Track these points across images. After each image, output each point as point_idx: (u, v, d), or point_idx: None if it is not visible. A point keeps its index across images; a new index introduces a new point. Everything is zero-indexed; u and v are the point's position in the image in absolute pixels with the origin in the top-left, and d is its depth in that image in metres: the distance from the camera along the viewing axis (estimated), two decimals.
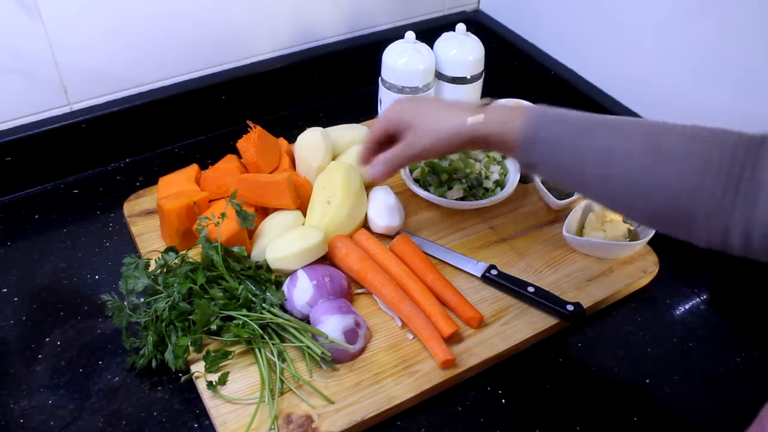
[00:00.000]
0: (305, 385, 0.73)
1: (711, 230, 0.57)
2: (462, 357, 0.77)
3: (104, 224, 0.93)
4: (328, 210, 0.87)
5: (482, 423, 0.73)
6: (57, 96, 0.96)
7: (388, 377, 0.75)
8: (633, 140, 0.61)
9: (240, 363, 0.75)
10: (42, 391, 0.73)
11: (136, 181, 1.00)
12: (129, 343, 0.76)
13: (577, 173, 0.65)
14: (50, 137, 0.95)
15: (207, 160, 1.01)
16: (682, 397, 0.76)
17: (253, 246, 0.85)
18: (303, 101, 1.16)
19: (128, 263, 0.78)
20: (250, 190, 0.87)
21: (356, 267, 0.83)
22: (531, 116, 0.67)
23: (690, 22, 0.92)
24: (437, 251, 0.89)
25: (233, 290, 0.77)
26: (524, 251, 0.90)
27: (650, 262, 0.89)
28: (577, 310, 0.81)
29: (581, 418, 0.74)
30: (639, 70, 1.02)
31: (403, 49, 0.99)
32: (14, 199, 0.97)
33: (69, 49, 0.93)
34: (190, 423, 0.72)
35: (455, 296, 0.82)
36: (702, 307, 0.87)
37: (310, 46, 1.14)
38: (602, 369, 0.79)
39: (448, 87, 1.03)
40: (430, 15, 1.23)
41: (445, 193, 0.94)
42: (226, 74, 1.07)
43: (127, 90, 1.01)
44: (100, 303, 0.77)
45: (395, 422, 0.73)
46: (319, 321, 0.76)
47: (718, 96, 0.92)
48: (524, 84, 1.21)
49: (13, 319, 0.81)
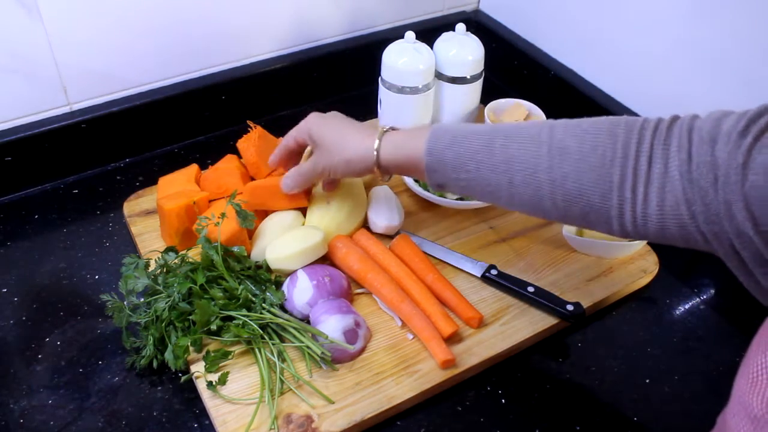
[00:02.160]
0: (305, 385, 0.73)
1: (624, 223, 0.59)
2: (462, 357, 0.77)
3: (104, 224, 0.93)
4: (328, 210, 0.87)
5: (482, 423, 0.73)
6: (57, 96, 0.96)
7: (388, 377, 0.75)
8: (531, 145, 0.62)
9: (240, 363, 0.75)
10: (42, 391, 0.73)
11: (136, 181, 1.00)
12: (129, 343, 0.76)
13: (486, 186, 0.66)
14: (50, 137, 0.95)
15: (207, 160, 1.01)
16: (682, 397, 0.76)
17: (253, 246, 0.85)
18: (303, 101, 1.16)
19: (128, 263, 0.78)
20: (260, 196, 0.87)
21: (356, 267, 0.83)
22: (432, 139, 0.68)
23: (690, 22, 0.92)
24: (437, 251, 0.89)
25: (233, 290, 0.77)
26: (524, 251, 0.90)
27: (650, 262, 0.89)
28: (577, 310, 0.81)
29: (581, 418, 0.74)
30: (639, 70, 1.02)
31: (403, 49, 0.99)
32: (14, 199, 0.97)
33: (69, 49, 0.93)
34: (190, 423, 0.72)
35: (455, 296, 0.82)
36: (702, 307, 0.87)
37: (310, 46, 1.14)
38: (602, 369, 0.79)
39: (448, 87, 1.03)
40: (430, 15, 1.23)
41: (445, 193, 0.94)
42: (226, 74, 1.07)
43: (127, 90, 1.01)
44: (100, 303, 0.77)
45: (395, 422, 0.73)
46: (319, 321, 0.76)
47: (718, 96, 0.92)
48: (524, 84, 1.21)
49: (13, 319, 0.81)
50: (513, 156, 0.63)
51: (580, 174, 0.59)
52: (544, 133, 0.62)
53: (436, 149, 0.67)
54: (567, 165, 0.60)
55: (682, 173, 0.54)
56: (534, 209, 0.65)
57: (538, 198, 0.62)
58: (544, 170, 0.61)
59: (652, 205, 0.56)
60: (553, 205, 0.62)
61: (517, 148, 0.63)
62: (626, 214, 0.58)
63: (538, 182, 0.62)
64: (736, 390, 0.49)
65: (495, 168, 0.64)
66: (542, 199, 0.62)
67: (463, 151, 0.66)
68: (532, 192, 0.62)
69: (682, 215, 0.55)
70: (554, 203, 0.62)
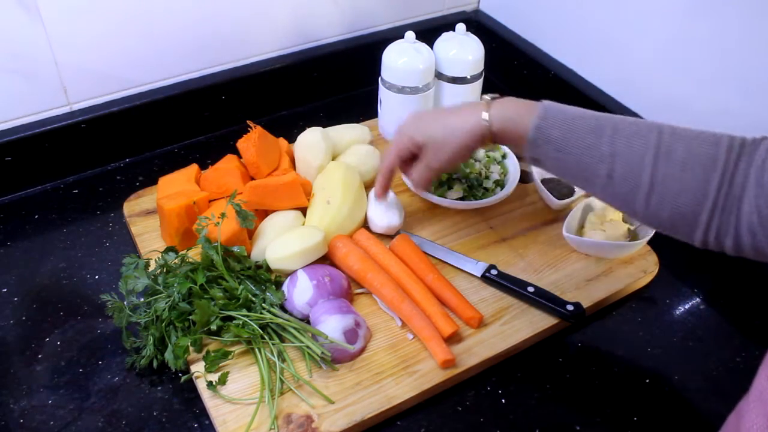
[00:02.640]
0: (305, 385, 0.73)
1: (708, 231, 0.60)
2: (462, 357, 0.77)
3: (104, 224, 0.93)
4: (328, 210, 0.87)
5: (482, 423, 0.73)
6: (57, 96, 0.96)
7: (388, 377, 0.75)
8: (639, 142, 0.62)
9: (240, 363, 0.75)
10: (42, 391, 0.73)
11: (136, 181, 1.00)
12: (129, 343, 0.76)
13: (582, 171, 0.66)
14: (50, 137, 0.95)
15: (207, 160, 1.01)
16: (682, 397, 0.76)
17: (253, 246, 0.85)
18: (303, 101, 1.16)
19: (128, 263, 0.78)
20: (260, 195, 0.87)
21: (356, 267, 0.83)
22: (541, 114, 0.68)
23: (690, 22, 0.92)
24: (437, 251, 0.89)
25: (233, 290, 0.77)
26: (524, 251, 0.90)
27: (650, 262, 0.89)
28: (577, 310, 0.81)
29: (581, 418, 0.74)
30: (639, 70, 1.03)
31: (403, 49, 0.99)
32: (14, 199, 0.97)
33: (69, 49, 0.93)
34: (190, 423, 0.72)
35: (455, 296, 0.82)
36: (702, 307, 0.87)
37: (310, 46, 1.14)
38: (602, 369, 0.79)
39: (448, 87, 1.03)
40: (430, 15, 1.23)
41: (445, 193, 0.94)
42: (226, 74, 1.07)
43: (127, 90, 1.01)
44: (100, 303, 0.77)
45: (395, 422, 0.73)
46: (319, 321, 0.76)
47: (718, 96, 0.92)
48: (524, 84, 1.21)
49: (13, 319, 0.81)
50: (619, 151, 0.63)
51: (680, 180, 0.60)
52: (653, 136, 0.62)
53: (544, 126, 0.67)
54: (670, 169, 0.61)
55: None
56: (622, 204, 0.65)
57: (632, 195, 0.63)
58: (647, 172, 0.61)
59: (742, 220, 0.58)
60: (645, 206, 0.63)
61: (624, 144, 0.63)
62: (713, 225, 0.60)
63: (637, 181, 0.62)
64: (756, 385, 0.50)
65: (598, 158, 0.64)
66: (636, 198, 0.63)
67: (571, 134, 0.66)
68: (628, 189, 0.63)
69: None
70: (647, 204, 0.63)
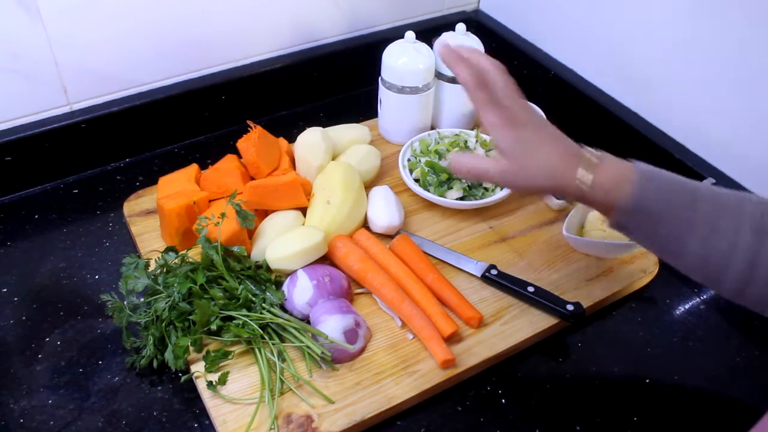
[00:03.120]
0: (305, 385, 0.73)
1: None
2: (462, 357, 0.77)
3: (104, 224, 0.93)
4: (328, 210, 0.87)
5: (482, 423, 0.73)
6: (57, 96, 0.96)
7: (388, 377, 0.75)
8: (736, 218, 0.60)
9: (240, 363, 0.75)
10: (42, 391, 0.73)
11: (136, 181, 1.00)
12: (129, 343, 0.76)
13: (675, 245, 0.63)
14: (50, 137, 0.95)
15: (207, 160, 1.01)
16: (682, 397, 0.76)
17: (253, 246, 0.85)
18: (303, 101, 1.16)
19: (128, 263, 0.78)
20: (260, 195, 0.87)
21: (356, 267, 0.83)
22: (640, 184, 0.63)
23: (690, 22, 0.92)
24: (437, 251, 0.89)
25: (233, 290, 0.77)
26: (524, 251, 0.90)
27: (650, 262, 0.89)
28: (577, 310, 0.81)
29: (581, 418, 0.74)
30: (639, 70, 1.02)
31: (403, 48, 0.99)
32: (14, 199, 0.97)
33: (69, 49, 0.93)
34: (190, 423, 0.72)
35: (455, 296, 0.82)
36: (702, 307, 0.87)
37: (310, 46, 1.14)
38: (602, 369, 0.79)
39: (448, 87, 1.03)
40: (430, 15, 1.23)
41: (445, 193, 0.94)
42: (226, 74, 1.07)
43: (127, 90, 1.01)
44: (100, 303, 0.77)
45: (395, 422, 0.73)
46: (319, 321, 0.76)
47: (718, 96, 0.92)
48: (524, 84, 1.20)
49: (13, 319, 0.81)
50: (717, 225, 0.60)
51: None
52: (748, 208, 0.61)
53: (644, 197, 0.62)
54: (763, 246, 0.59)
55: None
56: (707, 279, 0.64)
57: (722, 268, 0.61)
58: (742, 250, 0.59)
59: None
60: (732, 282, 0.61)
61: (722, 218, 0.60)
62: None
63: (731, 260, 0.60)
64: None
65: (694, 232, 0.61)
66: (725, 274, 0.61)
67: (670, 205, 0.62)
68: (720, 267, 0.61)
69: None
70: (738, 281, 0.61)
